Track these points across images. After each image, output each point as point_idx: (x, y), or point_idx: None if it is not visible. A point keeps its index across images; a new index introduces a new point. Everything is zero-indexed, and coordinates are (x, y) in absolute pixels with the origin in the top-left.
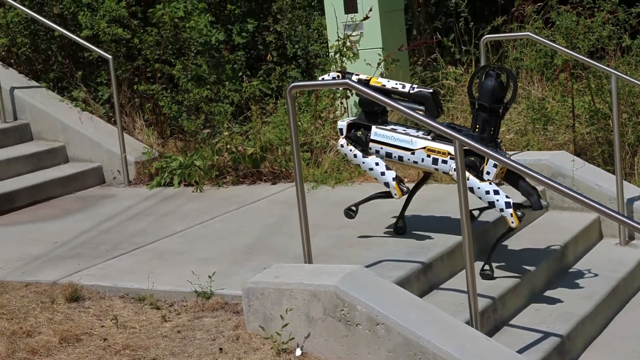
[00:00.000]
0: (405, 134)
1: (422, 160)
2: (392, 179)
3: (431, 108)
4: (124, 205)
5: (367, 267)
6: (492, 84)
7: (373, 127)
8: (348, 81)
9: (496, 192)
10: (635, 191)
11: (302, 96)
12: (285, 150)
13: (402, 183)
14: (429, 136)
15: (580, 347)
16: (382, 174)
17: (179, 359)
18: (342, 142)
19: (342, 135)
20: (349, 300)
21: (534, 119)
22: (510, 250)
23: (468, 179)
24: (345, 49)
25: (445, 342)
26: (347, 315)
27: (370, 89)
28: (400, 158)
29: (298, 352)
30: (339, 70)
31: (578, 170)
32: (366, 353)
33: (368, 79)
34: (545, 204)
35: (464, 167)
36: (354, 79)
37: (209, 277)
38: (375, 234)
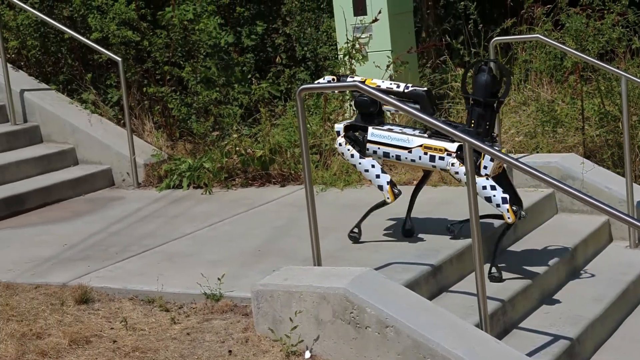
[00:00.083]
0: (402, 133)
1: (419, 158)
2: (387, 183)
3: (426, 106)
4: (133, 208)
5: (377, 269)
6: (485, 79)
7: (370, 128)
8: (357, 83)
9: (493, 187)
10: None
11: (311, 98)
12: (294, 152)
13: (395, 187)
14: (425, 134)
15: (590, 350)
16: (376, 177)
17: None
18: (341, 140)
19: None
20: (358, 303)
21: (543, 121)
22: (519, 252)
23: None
24: (354, 52)
25: (455, 345)
26: (357, 317)
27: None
28: (397, 157)
29: (307, 354)
30: (334, 73)
31: (588, 172)
32: (375, 356)
33: (363, 80)
34: (524, 214)
35: (473, 170)
36: (349, 80)
37: (218, 279)
38: (384, 236)
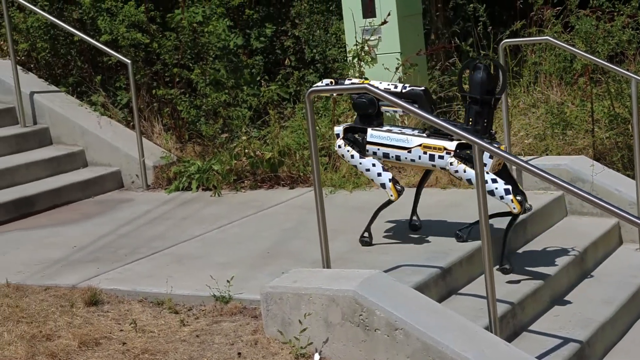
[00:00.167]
0: (401, 133)
1: (419, 157)
2: (389, 180)
3: (424, 106)
4: (142, 210)
5: (386, 271)
6: (480, 76)
7: (369, 130)
8: (367, 85)
9: (494, 180)
10: None
11: (320, 101)
12: (303, 154)
13: (397, 184)
14: (424, 134)
15: (600, 353)
16: (378, 175)
17: None
18: (340, 142)
19: (342, 139)
20: (367, 305)
21: (553, 124)
22: (529, 255)
23: (465, 171)
24: (363, 54)
25: (464, 348)
26: (366, 320)
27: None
28: (397, 157)
29: (316, 357)
30: (333, 77)
31: (597, 175)
32: (385, 358)
33: (361, 82)
34: (529, 206)
35: (482, 172)
36: (347, 83)
37: (228, 281)
38: (393, 238)
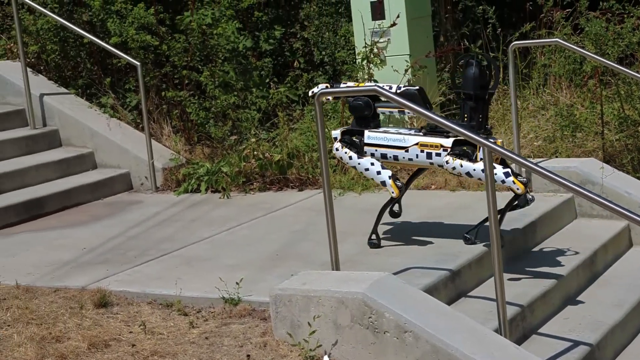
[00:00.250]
0: (398, 133)
1: (416, 156)
2: (389, 177)
3: (419, 105)
4: (151, 212)
5: (395, 274)
6: (473, 72)
7: (366, 132)
8: (376, 87)
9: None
10: None
11: (329, 103)
12: (312, 156)
13: (397, 180)
14: (420, 132)
15: (610, 357)
16: (377, 174)
17: None
18: (337, 145)
19: (338, 142)
20: (376, 308)
21: (562, 126)
22: (539, 257)
23: (461, 166)
24: (372, 56)
25: (474, 350)
26: (375, 322)
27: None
28: (395, 157)
29: (326, 359)
30: (329, 81)
31: (607, 177)
32: None
33: (357, 85)
34: (531, 197)
35: (492, 174)
36: (342, 87)
37: (237, 283)
38: (402, 240)
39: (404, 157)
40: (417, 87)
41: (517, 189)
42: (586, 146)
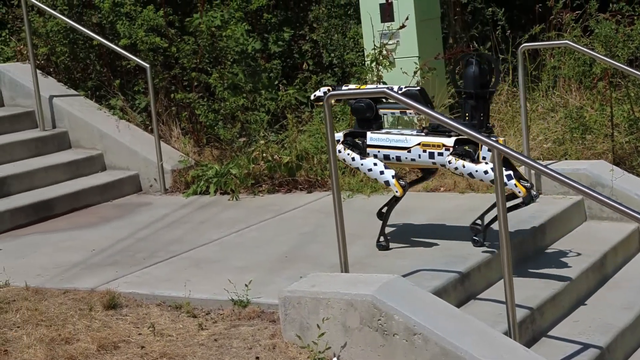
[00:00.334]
0: (400, 134)
1: (419, 156)
2: (392, 177)
3: (424, 105)
4: (160, 213)
5: (404, 276)
6: (473, 71)
7: (368, 133)
8: (386, 90)
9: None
10: None
11: (338, 105)
12: (321, 158)
13: (401, 179)
14: (422, 132)
15: (620, 359)
16: (381, 173)
17: None
18: (339, 147)
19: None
20: (386, 310)
21: (572, 128)
22: (548, 260)
23: (464, 166)
24: (381, 58)
25: (483, 353)
26: (384, 325)
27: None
28: (398, 158)
29: None
30: (330, 85)
31: (617, 179)
32: None
33: (358, 87)
34: (535, 193)
35: (502, 177)
36: (344, 89)
37: (246, 285)
38: (411, 243)
39: (406, 158)
40: (419, 88)
41: (519, 192)
42: (596, 148)
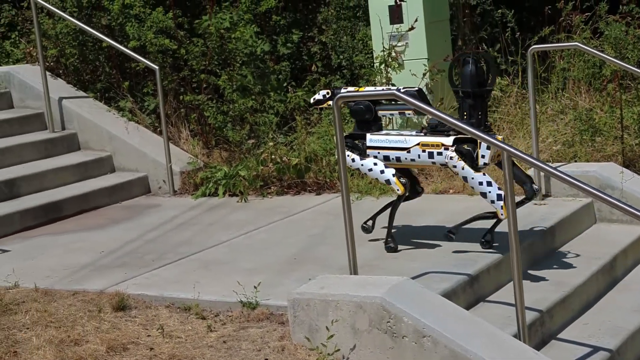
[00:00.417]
0: (399, 135)
1: (418, 156)
2: (392, 175)
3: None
4: (169, 215)
5: (413, 278)
6: (470, 70)
7: (368, 135)
8: (395, 91)
9: (489, 183)
10: None
11: (346, 107)
12: (329, 160)
13: (401, 177)
14: (422, 133)
15: None
16: (381, 172)
17: None
18: None
19: None
20: (395, 312)
21: (581, 130)
22: (557, 262)
23: (463, 169)
24: (390, 60)
25: (493, 356)
26: (393, 327)
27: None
28: (397, 159)
29: None
30: (329, 87)
31: (627, 182)
32: None
33: (356, 90)
34: (537, 187)
35: (512, 178)
36: (346, 91)
37: (255, 287)
38: (420, 245)
39: (406, 158)
40: (417, 89)
41: (502, 214)
42: (605, 150)
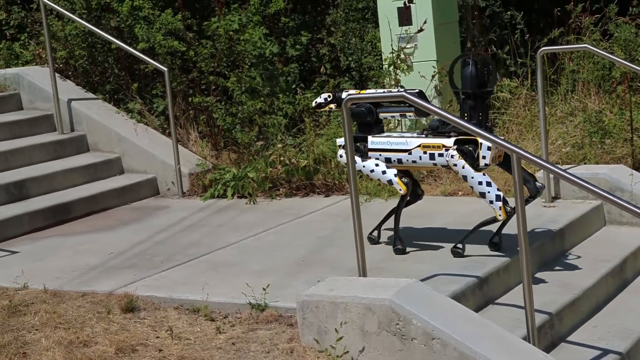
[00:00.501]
0: (400, 137)
1: (419, 158)
2: (394, 175)
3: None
4: (178, 217)
5: (422, 280)
6: (470, 71)
7: (369, 137)
8: (404, 93)
9: (488, 183)
10: None
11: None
12: (338, 162)
13: (403, 177)
14: (423, 134)
15: None
16: (383, 173)
17: None
18: (341, 152)
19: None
20: (404, 314)
21: (591, 132)
22: (567, 264)
23: (463, 167)
24: (399, 62)
25: (502, 358)
26: (403, 329)
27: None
28: (399, 161)
29: None
30: (331, 90)
31: (637, 184)
32: None
33: (357, 92)
34: (540, 185)
35: (521, 180)
36: (344, 95)
37: (263, 289)
38: (429, 247)
39: (407, 160)
40: (417, 90)
41: (500, 215)
42: (615, 153)
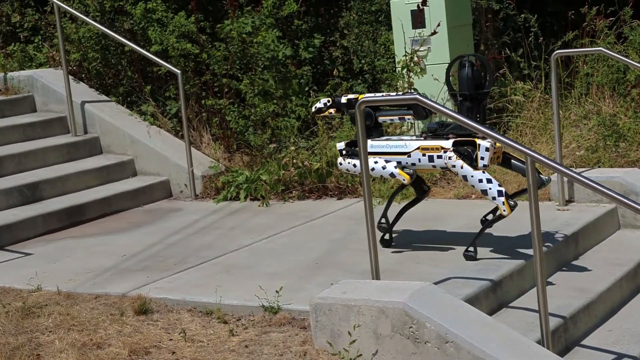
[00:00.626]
0: (399, 140)
1: (419, 160)
2: (394, 167)
3: (419, 111)
4: (191, 219)
5: (436, 284)
6: (467, 73)
7: (369, 141)
8: (417, 96)
9: (489, 180)
10: None
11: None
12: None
13: (405, 168)
14: (422, 137)
15: None
16: (383, 168)
17: None
18: (340, 159)
19: (341, 155)
20: (417, 318)
21: (605, 136)
22: (581, 268)
23: (462, 167)
24: (412, 64)
25: None
26: (416, 332)
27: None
28: (399, 163)
29: None
30: (331, 95)
31: None
32: None
33: (356, 97)
34: (547, 178)
35: (535, 184)
36: (344, 100)
37: (276, 292)
38: (442, 250)
39: (407, 163)
40: (418, 92)
41: (504, 210)
42: (630, 156)
